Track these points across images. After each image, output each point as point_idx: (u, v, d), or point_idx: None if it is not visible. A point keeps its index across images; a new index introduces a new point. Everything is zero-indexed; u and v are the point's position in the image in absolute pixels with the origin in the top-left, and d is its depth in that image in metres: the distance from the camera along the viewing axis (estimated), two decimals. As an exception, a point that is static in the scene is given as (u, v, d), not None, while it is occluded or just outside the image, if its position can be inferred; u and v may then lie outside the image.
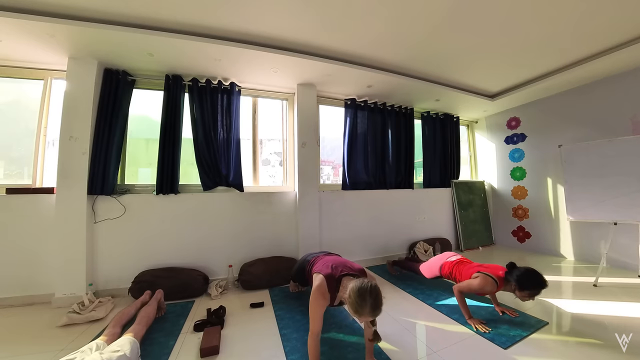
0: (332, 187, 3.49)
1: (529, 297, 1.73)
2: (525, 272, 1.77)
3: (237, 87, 2.96)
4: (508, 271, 1.85)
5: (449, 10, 2.02)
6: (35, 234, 2.31)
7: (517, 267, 1.84)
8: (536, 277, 1.73)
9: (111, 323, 1.67)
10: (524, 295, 1.74)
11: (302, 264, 2.04)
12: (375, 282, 1.35)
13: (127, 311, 1.85)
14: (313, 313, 1.44)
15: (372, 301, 1.24)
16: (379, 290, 1.30)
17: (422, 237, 3.83)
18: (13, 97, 2.64)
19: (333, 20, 2.13)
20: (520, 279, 1.75)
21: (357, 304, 1.25)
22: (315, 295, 1.47)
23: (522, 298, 1.76)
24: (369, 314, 1.24)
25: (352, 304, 1.27)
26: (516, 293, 1.77)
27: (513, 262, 1.89)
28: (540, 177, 3.84)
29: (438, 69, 3.04)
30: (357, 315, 1.26)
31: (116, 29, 2.05)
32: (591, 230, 3.23)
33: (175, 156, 2.68)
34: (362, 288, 1.27)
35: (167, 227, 2.65)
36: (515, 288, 1.77)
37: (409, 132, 3.87)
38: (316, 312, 1.43)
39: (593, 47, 2.58)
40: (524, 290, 1.73)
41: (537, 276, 1.73)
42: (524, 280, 1.74)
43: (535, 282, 1.71)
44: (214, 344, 1.62)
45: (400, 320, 1.99)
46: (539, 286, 1.70)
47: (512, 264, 1.88)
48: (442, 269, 2.26)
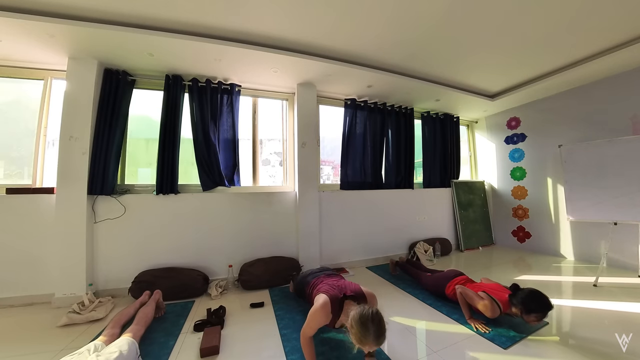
0: (332, 187, 3.49)
1: (536, 320, 1.68)
2: (529, 294, 1.72)
3: (237, 87, 2.96)
4: (512, 294, 1.81)
5: (449, 10, 2.02)
6: (36, 234, 2.31)
7: (521, 288, 1.80)
8: (541, 299, 1.68)
9: (110, 324, 1.67)
10: (530, 320, 1.68)
11: (303, 284, 2.01)
12: (376, 308, 1.31)
13: (127, 312, 1.85)
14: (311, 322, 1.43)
15: (375, 329, 1.21)
16: (381, 316, 1.27)
17: (422, 237, 3.83)
18: (13, 97, 2.64)
19: (333, 20, 2.13)
20: (525, 302, 1.70)
21: (360, 334, 1.21)
22: (318, 312, 1.43)
23: (530, 322, 1.70)
24: (373, 342, 1.20)
25: (355, 334, 1.23)
26: (523, 317, 1.71)
27: (516, 284, 1.85)
28: (540, 177, 3.84)
29: (438, 69, 3.04)
30: (360, 344, 1.23)
31: (116, 29, 2.05)
32: (591, 230, 3.23)
33: (175, 156, 2.68)
34: (363, 316, 1.24)
35: (167, 227, 2.65)
36: (521, 312, 1.71)
37: (409, 132, 3.87)
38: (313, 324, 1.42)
39: (593, 47, 2.58)
40: (530, 314, 1.67)
41: (542, 298, 1.68)
42: (528, 303, 1.69)
43: (542, 304, 1.67)
44: (214, 344, 1.61)
45: (400, 320, 1.99)
46: (546, 308, 1.65)
47: (515, 286, 1.84)
48: (448, 288, 2.16)
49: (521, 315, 1.72)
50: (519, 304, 1.72)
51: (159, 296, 2.12)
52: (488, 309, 1.78)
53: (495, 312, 1.78)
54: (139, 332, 1.60)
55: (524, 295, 1.74)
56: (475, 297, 1.89)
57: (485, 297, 1.84)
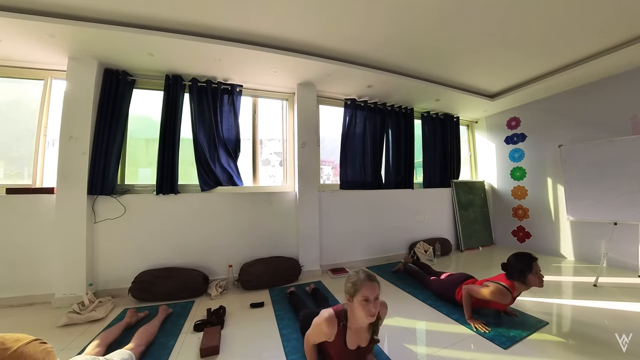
0: (332, 187, 3.49)
1: (537, 278, 1.71)
2: (513, 260, 1.81)
3: (237, 87, 2.96)
4: (506, 272, 1.84)
5: (449, 10, 2.02)
6: (35, 234, 2.31)
7: (506, 262, 1.86)
8: (522, 256, 1.78)
9: (95, 341, 1.54)
10: (532, 282, 1.72)
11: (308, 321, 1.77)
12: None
13: (112, 332, 1.71)
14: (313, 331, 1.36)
15: (364, 273, 1.28)
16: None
17: (422, 237, 3.83)
18: (13, 97, 2.64)
19: (333, 20, 2.13)
20: (515, 268, 1.77)
21: (352, 281, 1.26)
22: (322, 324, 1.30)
23: (533, 283, 1.72)
24: (365, 281, 1.24)
25: (349, 287, 1.27)
26: (526, 285, 1.75)
27: (503, 262, 1.89)
28: (540, 177, 3.84)
29: (438, 69, 3.04)
30: (357, 291, 1.23)
31: (116, 29, 2.05)
32: (591, 230, 3.23)
33: (175, 156, 2.68)
34: (351, 272, 1.32)
35: (167, 227, 2.65)
36: (521, 282, 1.75)
37: (409, 132, 3.87)
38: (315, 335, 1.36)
39: (593, 47, 2.58)
40: (526, 276, 1.72)
41: (523, 255, 1.78)
42: (515, 265, 1.77)
43: (526, 260, 1.75)
44: (214, 344, 1.62)
45: (401, 321, 1.99)
46: (530, 259, 1.75)
47: (503, 264, 1.88)
48: (458, 294, 2.09)
49: (523, 285, 1.76)
50: (514, 275, 1.78)
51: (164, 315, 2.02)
52: (496, 294, 1.76)
53: (506, 295, 1.76)
54: (140, 348, 1.53)
55: (511, 264, 1.81)
56: (481, 289, 1.87)
57: (490, 284, 1.85)
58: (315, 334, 1.36)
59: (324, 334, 1.30)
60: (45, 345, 0.68)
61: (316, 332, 1.35)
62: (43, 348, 0.67)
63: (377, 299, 1.25)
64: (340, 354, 1.33)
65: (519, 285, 1.78)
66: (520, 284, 1.78)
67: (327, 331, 1.29)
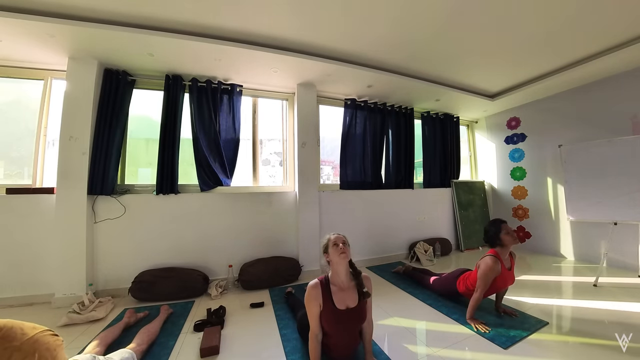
0: (332, 187, 3.49)
1: (509, 236, 1.87)
2: (486, 229, 1.99)
3: (237, 87, 2.96)
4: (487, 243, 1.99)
5: (449, 10, 2.02)
6: (35, 234, 2.31)
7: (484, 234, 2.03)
8: (492, 222, 1.98)
9: (95, 341, 1.53)
10: (506, 240, 1.87)
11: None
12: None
13: (112, 332, 1.71)
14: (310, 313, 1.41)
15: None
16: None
17: (422, 237, 3.83)
18: (13, 97, 2.64)
19: (333, 20, 2.13)
20: (489, 234, 1.95)
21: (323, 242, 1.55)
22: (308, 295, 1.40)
23: (508, 242, 1.87)
24: (331, 234, 1.56)
25: (322, 246, 1.55)
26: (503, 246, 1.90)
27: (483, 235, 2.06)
28: (540, 177, 3.84)
29: (438, 69, 3.04)
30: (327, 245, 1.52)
31: (116, 29, 2.05)
32: (591, 230, 3.23)
33: (175, 156, 2.68)
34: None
35: (167, 227, 2.65)
36: (499, 245, 1.91)
37: (409, 132, 3.87)
38: (312, 314, 1.39)
39: (593, 47, 2.58)
40: (500, 238, 1.89)
41: (492, 221, 1.99)
42: (492, 232, 1.93)
43: (495, 224, 1.94)
44: (214, 344, 1.62)
45: (401, 321, 1.99)
46: (500, 223, 1.93)
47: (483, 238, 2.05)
48: (459, 285, 2.14)
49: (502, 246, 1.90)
50: (491, 241, 1.94)
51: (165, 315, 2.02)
52: (487, 266, 1.87)
53: (495, 262, 1.87)
54: (141, 347, 1.53)
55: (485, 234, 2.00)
56: (475, 272, 1.98)
57: (478, 264, 1.98)
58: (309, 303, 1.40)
59: (313, 297, 1.38)
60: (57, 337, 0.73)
61: (308, 301, 1.40)
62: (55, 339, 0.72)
63: (345, 243, 1.51)
64: (332, 317, 1.37)
65: (500, 249, 1.92)
66: (500, 248, 1.92)
67: (314, 292, 1.38)
